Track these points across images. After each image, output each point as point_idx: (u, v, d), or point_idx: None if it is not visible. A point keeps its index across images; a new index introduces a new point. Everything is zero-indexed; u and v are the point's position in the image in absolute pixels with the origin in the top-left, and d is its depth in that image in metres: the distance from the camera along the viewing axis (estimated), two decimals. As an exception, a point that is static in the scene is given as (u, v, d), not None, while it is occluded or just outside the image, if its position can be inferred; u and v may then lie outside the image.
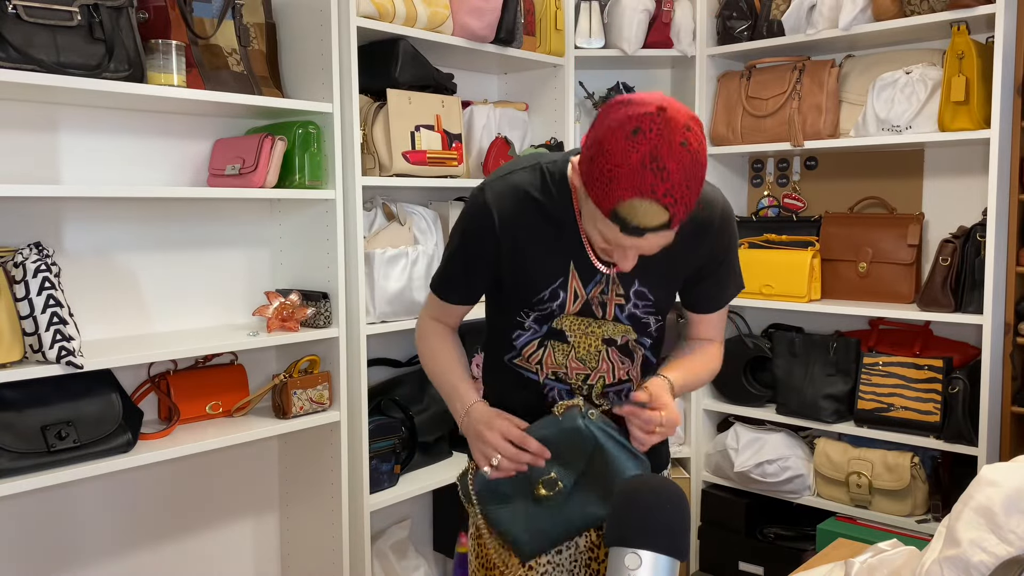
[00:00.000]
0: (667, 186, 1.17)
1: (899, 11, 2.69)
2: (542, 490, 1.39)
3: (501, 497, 1.43)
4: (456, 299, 1.55)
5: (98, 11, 1.81)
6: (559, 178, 1.42)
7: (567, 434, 1.39)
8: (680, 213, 1.20)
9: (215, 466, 2.42)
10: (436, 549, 2.91)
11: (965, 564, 1.08)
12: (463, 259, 1.49)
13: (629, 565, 1.02)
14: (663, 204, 1.18)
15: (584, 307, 1.45)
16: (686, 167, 1.18)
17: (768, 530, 3.07)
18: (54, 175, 2.06)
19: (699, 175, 1.21)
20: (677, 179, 1.17)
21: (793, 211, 3.23)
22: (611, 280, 1.44)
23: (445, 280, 1.54)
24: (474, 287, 1.53)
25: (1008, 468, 1.14)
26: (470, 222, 1.46)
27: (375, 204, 2.49)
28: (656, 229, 1.21)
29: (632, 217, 1.19)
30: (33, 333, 1.78)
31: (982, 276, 2.58)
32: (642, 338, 1.49)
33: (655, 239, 1.24)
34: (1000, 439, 2.64)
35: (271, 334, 2.22)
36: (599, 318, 1.46)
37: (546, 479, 1.39)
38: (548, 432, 1.40)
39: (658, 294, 1.47)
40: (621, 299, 1.45)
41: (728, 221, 1.48)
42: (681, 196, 1.19)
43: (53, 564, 2.12)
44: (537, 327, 1.47)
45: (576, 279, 1.44)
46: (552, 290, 1.44)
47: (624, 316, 1.46)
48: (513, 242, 1.43)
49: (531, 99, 3.01)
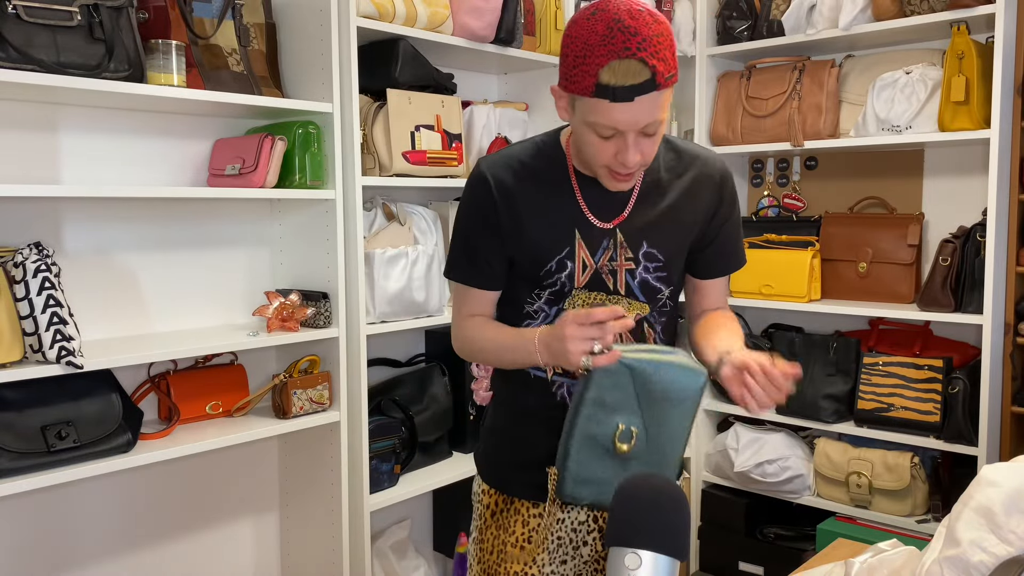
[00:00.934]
0: (637, 39, 1.23)
1: (899, 11, 2.69)
2: (623, 446, 1.33)
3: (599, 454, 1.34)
4: (479, 282, 1.49)
5: (98, 11, 1.81)
6: (552, 144, 1.46)
7: (601, 385, 1.31)
8: (660, 67, 1.24)
9: (215, 466, 2.42)
10: (436, 549, 2.91)
11: (965, 564, 1.08)
12: (471, 234, 1.47)
13: (629, 565, 1.02)
14: (639, 58, 1.23)
15: (594, 277, 1.42)
16: (650, 24, 1.24)
17: (768, 530, 3.07)
18: (54, 175, 2.06)
19: (665, 32, 1.26)
20: (646, 33, 1.24)
21: (793, 211, 3.23)
22: (618, 243, 1.42)
23: (459, 262, 1.50)
24: (493, 265, 1.47)
25: (1008, 468, 1.14)
26: (468, 197, 1.47)
27: (375, 204, 2.49)
28: (642, 88, 1.24)
29: (614, 79, 1.23)
30: (33, 333, 1.78)
31: (982, 276, 2.58)
32: (653, 313, 1.46)
33: (647, 104, 1.26)
34: (1000, 439, 2.64)
35: (271, 334, 2.22)
36: (611, 292, 1.43)
37: (620, 433, 1.33)
38: (586, 395, 1.32)
39: (667, 253, 1.44)
40: (631, 263, 1.43)
41: (728, 180, 1.49)
42: (655, 50, 1.24)
43: (53, 564, 2.12)
44: (547, 310, 1.45)
45: (583, 247, 1.42)
46: (559, 260, 1.42)
47: (636, 284, 1.43)
48: (512, 211, 1.43)
49: (531, 99, 3.01)
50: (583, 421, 1.32)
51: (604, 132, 1.29)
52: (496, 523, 1.54)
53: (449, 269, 1.52)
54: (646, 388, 1.31)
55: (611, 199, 1.43)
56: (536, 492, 1.50)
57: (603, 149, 1.32)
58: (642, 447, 1.34)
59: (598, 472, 1.34)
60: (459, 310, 1.53)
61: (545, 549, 1.50)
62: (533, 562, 1.49)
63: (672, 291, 1.49)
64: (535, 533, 1.50)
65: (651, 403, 1.33)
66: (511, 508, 1.52)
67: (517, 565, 1.49)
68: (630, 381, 1.31)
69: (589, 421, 1.32)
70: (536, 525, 1.50)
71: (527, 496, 1.51)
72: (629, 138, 1.29)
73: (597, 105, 1.26)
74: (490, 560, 1.53)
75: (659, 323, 1.48)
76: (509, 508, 1.52)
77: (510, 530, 1.51)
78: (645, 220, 1.43)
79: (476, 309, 1.51)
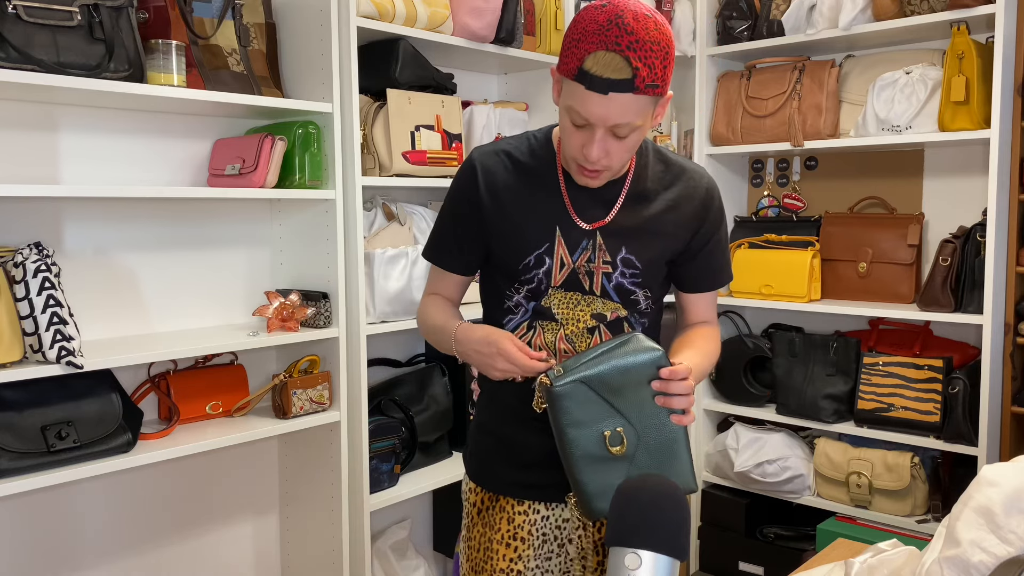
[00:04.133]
0: (630, 39, 1.24)
1: (899, 11, 2.69)
2: (618, 449, 1.33)
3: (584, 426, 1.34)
4: (448, 264, 1.55)
5: (98, 11, 1.81)
6: (543, 140, 1.48)
7: (566, 409, 1.32)
8: (643, 72, 1.25)
9: (215, 466, 2.42)
10: (436, 549, 2.91)
11: (965, 564, 1.08)
12: (450, 219, 1.52)
13: (629, 565, 1.02)
14: (624, 56, 1.24)
15: (571, 277, 1.45)
16: (650, 31, 1.25)
17: (768, 530, 3.07)
18: (54, 175, 2.06)
19: (663, 43, 1.27)
20: (642, 36, 1.25)
21: (793, 211, 3.23)
22: (597, 246, 1.44)
23: (434, 241, 1.56)
24: (465, 251, 1.52)
25: (1008, 468, 1.14)
26: (456, 182, 1.51)
27: (375, 204, 2.49)
28: (619, 85, 1.25)
29: (595, 67, 1.25)
30: (33, 333, 1.78)
31: (982, 276, 2.58)
32: (632, 315, 1.48)
33: (621, 103, 1.27)
34: (1000, 439, 2.64)
35: (271, 334, 2.22)
36: (586, 293, 1.45)
37: (608, 439, 1.33)
38: (561, 422, 1.33)
39: (645, 261, 1.46)
40: (608, 267, 1.44)
41: (714, 197, 1.51)
42: (644, 55, 1.25)
43: (53, 564, 2.12)
44: (525, 304, 1.47)
45: (562, 246, 1.44)
46: (538, 256, 1.44)
47: (612, 287, 1.45)
48: (496, 201, 1.45)
49: (531, 99, 3.01)
50: (572, 446, 1.34)
51: (577, 120, 1.32)
52: (483, 520, 1.55)
53: (425, 248, 1.58)
54: (607, 387, 1.32)
55: (596, 201, 1.45)
56: (520, 490, 1.52)
57: (573, 138, 1.34)
58: (635, 440, 1.34)
59: (611, 479, 1.35)
60: (427, 285, 1.61)
61: (531, 546, 1.51)
62: (519, 558, 1.50)
63: (652, 295, 1.50)
64: (520, 530, 1.51)
65: (620, 396, 1.33)
66: (496, 506, 1.54)
67: (503, 562, 1.50)
68: (589, 391, 1.32)
69: (577, 443, 1.34)
70: (521, 522, 1.52)
71: (512, 494, 1.52)
72: (597, 132, 1.31)
73: (575, 90, 1.29)
74: (477, 557, 1.54)
75: (639, 324, 1.50)
76: (495, 506, 1.54)
77: (496, 527, 1.53)
78: (626, 226, 1.44)
79: (439, 289, 1.58)
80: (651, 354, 1.32)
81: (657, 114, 1.35)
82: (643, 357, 1.32)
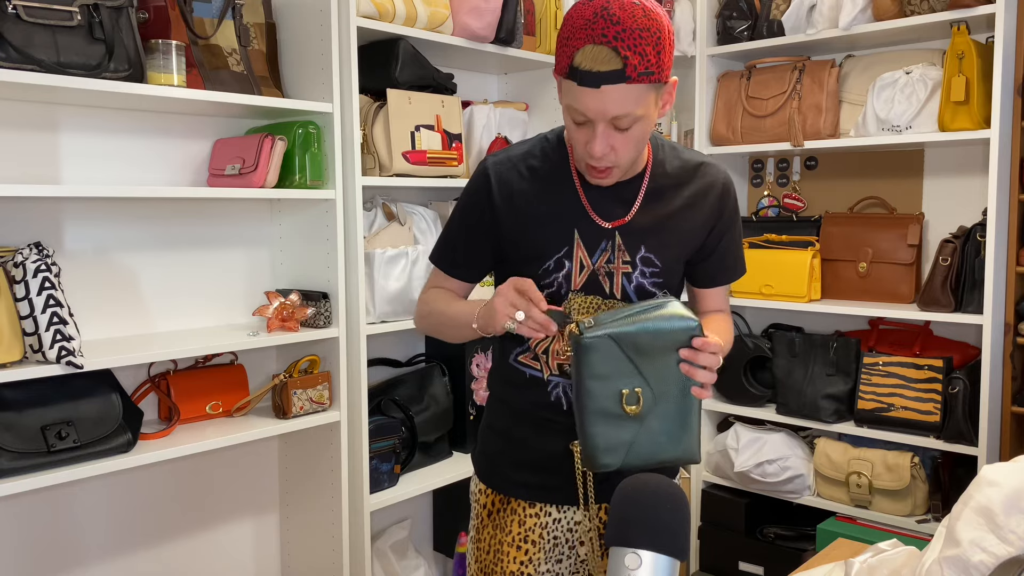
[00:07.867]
0: (616, 29, 1.22)
1: (899, 11, 2.69)
2: (633, 408, 1.32)
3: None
4: (456, 272, 1.53)
5: (98, 11, 1.81)
6: (556, 142, 1.47)
7: (590, 362, 1.30)
8: (634, 61, 1.23)
9: (215, 466, 2.42)
10: (436, 549, 2.91)
11: (965, 564, 1.08)
12: (461, 228, 1.51)
13: (629, 565, 1.02)
14: (612, 47, 1.23)
15: (591, 279, 1.43)
16: (637, 18, 1.23)
17: (768, 530, 3.07)
18: (54, 175, 2.06)
19: (654, 29, 1.24)
20: (629, 25, 1.23)
21: (793, 211, 3.23)
22: (617, 246, 1.43)
23: (443, 249, 1.54)
24: (473, 260, 1.51)
25: (1008, 468, 1.14)
26: (468, 190, 1.49)
27: (375, 204, 2.49)
28: (609, 77, 1.23)
29: (584, 62, 1.24)
30: (33, 333, 1.78)
31: (982, 276, 2.58)
32: None
33: (616, 95, 1.25)
34: (1000, 439, 2.64)
35: (271, 334, 2.22)
36: (607, 296, 1.44)
37: (625, 397, 1.32)
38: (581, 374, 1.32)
39: (665, 260, 1.45)
40: (628, 267, 1.43)
41: (729, 190, 1.50)
42: (634, 43, 1.23)
43: (53, 564, 2.12)
44: None
45: (581, 248, 1.43)
46: (557, 259, 1.43)
47: (632, 288, 1.44)
48: (512, 208, 1.43)
49: (531, 99, 3.01)
50: (588, 397, 1.33)
51: (577, 117, 1.31)
52: (493, 523, 1.54)
53: (432, 252, 1.57)
54: (635, 347, 1.31)
55: (615, 200, 1.44)
56: (531, 492, 1.51)
57: (578, 136, 1.33)
58: (650, 403, 1.33)
59: (621, 436, 1.34)
60: (427, 284, 1.59)
61: (541, 548, 1.50)
62: (529, 561, 1.50)
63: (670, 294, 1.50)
64: (532, 532, 1.50)
65: (645, 358, 1.32)
66: (507, 508, 1.52)
67: (514, 564, 1.49)
68: (616, 347, 1.31)
69: (593, 396, 1.32)
70: (532, 524, 1.50)
71: (523, 496, 1.51)
72: (598, 127, 1.30)
73: (570, 88, 1.28)
74: (487, 560, 1.53)
75: None
76: (505, 508, 1.53)
77: (507, 529, 1.52)
78: (645, 225, 1.43)
79: (443, 286, 1.56)
80: (687, 323, 1.31)
81: (665, 102, 1.34)
82: (678, 324, 1.31)
